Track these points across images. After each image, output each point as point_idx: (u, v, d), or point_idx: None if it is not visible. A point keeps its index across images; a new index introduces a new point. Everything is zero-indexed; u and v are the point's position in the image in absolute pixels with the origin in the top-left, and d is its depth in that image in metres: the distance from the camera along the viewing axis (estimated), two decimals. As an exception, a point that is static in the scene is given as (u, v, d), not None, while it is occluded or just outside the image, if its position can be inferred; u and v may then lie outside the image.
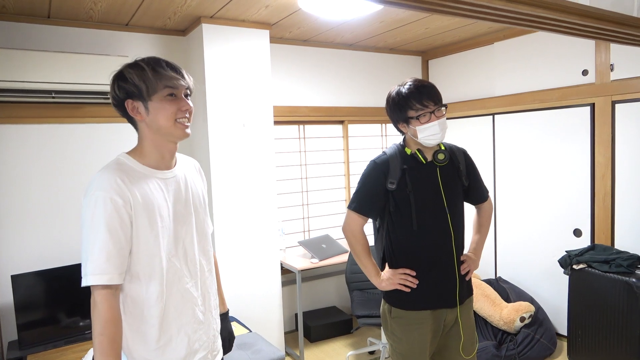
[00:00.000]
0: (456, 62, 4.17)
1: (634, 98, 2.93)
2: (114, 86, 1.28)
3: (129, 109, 1.28)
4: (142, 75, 1.25)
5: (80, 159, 2.98)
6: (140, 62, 1.28)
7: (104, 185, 1.20)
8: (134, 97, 1.26)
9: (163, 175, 1.34)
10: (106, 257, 1.18)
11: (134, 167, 1.29)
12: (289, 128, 3.88)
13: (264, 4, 2.82)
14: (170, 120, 1.28)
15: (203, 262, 1.41)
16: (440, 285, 1.87)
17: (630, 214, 2.99)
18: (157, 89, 1.26)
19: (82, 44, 2.95)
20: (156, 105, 1.27)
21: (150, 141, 1.31)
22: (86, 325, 2.81)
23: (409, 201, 1.83)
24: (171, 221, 1.31)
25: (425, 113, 1.81)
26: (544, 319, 3.27)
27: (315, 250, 3.53)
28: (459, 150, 1.99)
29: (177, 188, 1.36)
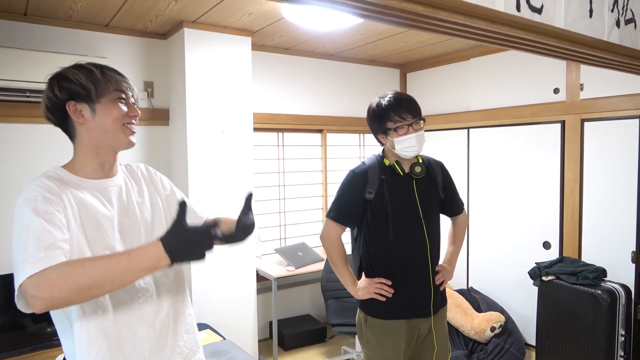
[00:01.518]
0: (433, 76, 4.26)
1: (602, 117, 3.06)
2: (53, 86, 1.17)
3: (71, 111, 1.17)
4: (91, 76, 1.18)
5: (54, 159, 2.91)
6: (85, 64, 1.21)
7: (32, 188, 1.11)
8: (78, 99, 1.17)
9: (101, 185, 1.22)
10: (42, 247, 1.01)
11: (65, 177, 1.18)
12: (268, 135, 3.89)
13: (247, 11, 2.83)
14: (117, 123, 1.20)
15: (159, 276, 1.25)
16: (415, 295, 1.91)
17: (597, 228, 3.11)
18: (106, 91, 1.19)
19: (59, 43, 2.90)
20: (104, 107, 1.18)
21: (89, 149, 1.21)
22: (53, 331, 2.73)
23: (386, 211, 1.87)
24: (117, 233, 1.19)
25: (403, 125, 1.85)
26: (514, 329, 3.35)
27: (291, 258, 3.53)
28: (437, 163, 2.03)
29: (119, 199, 1.24)
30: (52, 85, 1.18)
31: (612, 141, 3.02)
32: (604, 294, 2.68)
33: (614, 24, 1.74)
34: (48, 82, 1.19)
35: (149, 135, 3.22)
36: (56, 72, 1.20)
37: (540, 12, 1.45)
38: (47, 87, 1.19)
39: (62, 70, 1.20)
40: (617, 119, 2.98)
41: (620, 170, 2.98)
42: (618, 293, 2.69)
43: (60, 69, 1.20)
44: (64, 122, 1.21)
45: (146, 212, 1.30)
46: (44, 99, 1.19)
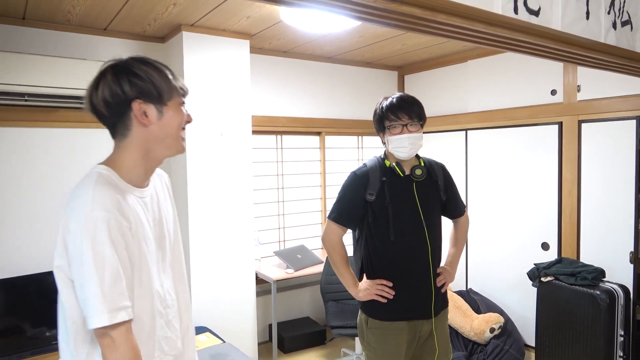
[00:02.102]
0: (431, 78, 4.27)
1: (598, 118, 3.07)
2: (122, 81, 1.07)
3: (135, 110, 1.08)
4: (163, 76, 1.11)
5: (52, 164, 2.91)
6: (152, 61, 1.13)
7: (105, 204, 1.01)
8: (146, 98, 1.09)
9: (141, 194, 1.16)
10: (122, 288, 1.00)
11: (119, 184, 1.10)
12: (267, 138, 3.89)
13: (245, 14, 2.84)
14: (179, 129, 1.16)
15: (179, 290, 1.26)
16: (416, 297, 1.91)
17: (595, 229, 3.12)
18: (175, 94, 1.13)
19: (58, 47, 2.90)
20: (171, 111, 1.12)
21: (141, 152, 1.13)
22: (53, 335, 2.73)
23: (387, 212, 1.87)
24: (154, 245, 1.17)
25: (397, 125, 1.88)
26: (513, 330, 3.36)
27: (290, 260, 3.53)
28: (438, 165, 2.04)
29: (152, 208, 1.20)
30: (119, 78, 1.07)
31: (609, 142, 3.03)
32: (603, 295, 2.69)
33: (610, 25, 1.75)
34: (112, 75, 1.08)
35: (148, 139, 3.23)
36: (118, 64, 1.10)
37: (537, 14, 1.46)
38: (111, 78, 1.08)
39: (126, 63, 1.10)
40: (614, 120, 3.00)
41: (618, 171, 2.99)
42: (617, 293, 2.70)
43: (123, 61, 1.11)
44: (119, 119, 1.11)
45: (171, 221, 1.27)
46: (103, 91, 1.07)
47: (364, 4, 1.13)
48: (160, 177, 1.31)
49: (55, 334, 2.72)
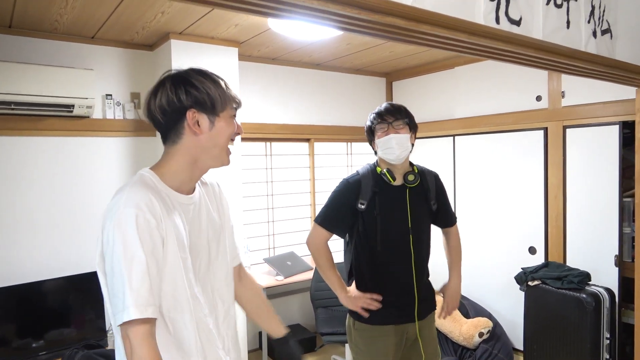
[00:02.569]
0: (419, 84, 4.32)
1: (582, 124, 3.13)
2: (179, 90, 1.13)
3: (189, 119, 1.13)
4: (218, 88, 1.16)
5: (40, 173, 2.89)
6: (209, 72, 1.19)
7: (137, 202, 1.05)
8: (200, 108, 1.14)
9: (183, 201, 1.19)
10: (148, 285, 1.01)
11: (159, 188, 1.14)
12: (256, 145, 3.90)
13: (234, 22, 2.86)
14: (227, 141, 1.19)
15: (218, 299, 1.24)
16: (400, 301, 1.95)
17: (580, 232, 3.16)
18: (228, 106, 1.18)
19: (45, 55, 2.89)
20: (222, 122, 1.16)
21: (189, 158, 1.17)
22: (39, 346, 2.70)
23: (376, 223, 1.89)
24: (188, 252, 1.16)
25: (382, 126, 1.90)
26: (501, 334, 3.38)
27: (280, 267, 3.53)
28: (430, 174, 2.05)
29: (193, 216, 1.21)
30: (176, 87, 1.13)
31: (594, 147, 3.08)
32: (589, 298, 2.72)
33: (590, 34, 1.79)
34: (171, 84, 1.14)
35: (136, 147, 3.21)
36: (177, 75, 1.16)
37: (518, 24, 1.50)
38: (169, 87, 1.14)
39: (185, 74, 1.16)
40: (598, 125, 3.05)
41: (602, 175, 3.04)
42: (602, 297, 2.74)
43: (181, 72, 1.17)
44: (173, 126, 1.15)
45: (213, 231, 1.27)
46: (161, 99, 1.13)
47: (348, 15, 1.15)
48: (212, 186, 1.36)
49: (41, 345, 2.70)
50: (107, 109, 3.08)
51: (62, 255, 2.95)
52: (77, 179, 2.97)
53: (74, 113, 2.84)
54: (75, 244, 2.99)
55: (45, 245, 2.90)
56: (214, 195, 1.34)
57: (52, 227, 2.92)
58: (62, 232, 2.94)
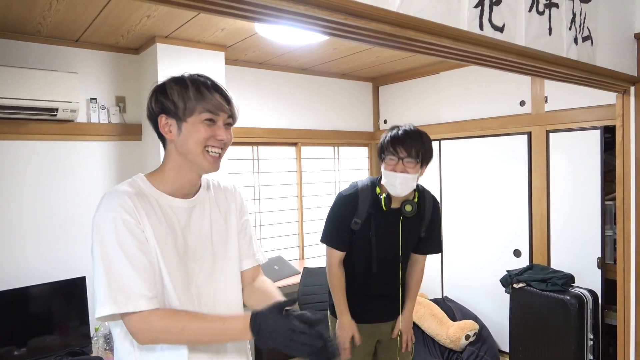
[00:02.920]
0: (405, 89, 4.35)
1: (565, 128, 3.18)
2: (152, 98, 1.19)
3: (161, 125, 1.17)
4: (183, 93, 1.16)
5: (23, 178, 2.84)
6: (186, 78, 1.19)
7: (113, 205, 1.09)
8: (168, 114, 1.16)
9: (177, 204, 1.20)
10: (127, 281, 1.05)
11: (147, 191, 1.16)
12: (243, 149, 3.89)
13: (220, 26, 2.85)
14: (199, 146, 1.15)
15: (222, 306, 1.22)
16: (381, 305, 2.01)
17: (564, 235, 3.21)
18: (195, 110, 1.15)
19: (28, 58, 2.85)
20: (190, 127, 1.15)
21: (175, 164, 1.19)
22: (22, 354, 2.65)
23: (370, 244, 1.90)
24: (184, 256, 1.17)
25: (393, 158, 1.80)
26: (487, 336, 3.41)
27: (267, 271, 3.51)
28: (430, 199, 1.99)
29: (193, 220, 1.21)
30: (152, 96, 1.20)
31: (576, 151, 3.14)
32: (573, 300, 2.76)
33: (572, 41, 1.83)
34: (151, 94, 1.21)
35: (121, 151, 3.18)
36: (158, 84, 1.22)
37: (502, 30, 1.52)
38: (149, 97, 1.21)
39: (165, 81, 1.21)
40: (580, 129, 3.11)
41: (584, 179, 3.09)
42: (586, 298, 2.78)
43: (166, 79, 1.21)
44: (157, 132, 1.21)
45: (219, 235, 1.26)
46: (147, 108, 1.22)
47: (335, 20, 1.16)
48: (224, 189, 1.34)
49: (24, 353, 2.65)
50: (91, 113, 3.05)
51: (46, 261, 2.90)
52: (61, 183, 2.93)
53: (58, 117, 2.81)
54: (60, 249, 2.94)
55: (28, 250, 2.85)
56: (227, 198, 1.33)
57: (36, 232, 2.87)
58: (46, 237, 2.90)
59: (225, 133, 1.19)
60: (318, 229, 4.27)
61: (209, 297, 1.20)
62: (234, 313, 1.22)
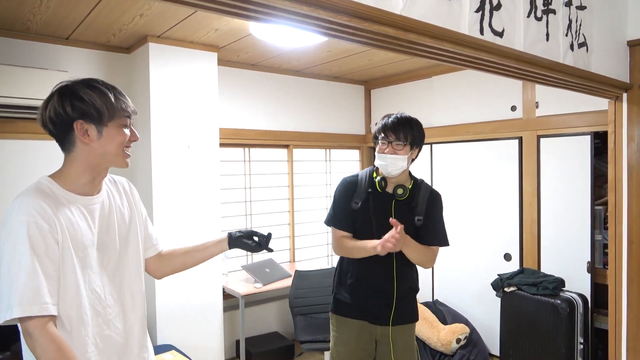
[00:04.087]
0: (397, 92, 4.36)
1: (555, 133, 3.21)
2: (65, 103, 1.19)
3: (78, 130, 1.20)
4: (105, 100, 1.21)
5: (10, 177, 2.78)
6: (98, 84, 1.23)
7: (28, 210, 1.12)
8: (88, 119, 1.20)
9: (87, 202, 1.26)
10: (36, 285, 1.08)
11: (57, 193, 1.21)
12: (235, 151, 3.86)
13: (214, 27, 2.83)
14: (120, 147, 1.26)
15: (127, 291, 1.33)
16: (373, 303, 2.00)
17: (554, 239, 3.24)
18: (116, 115, 1.23)
19: (16, 55, 2.79)
20: (111, 131, 1.23)
21: (86, 165, 1.24)
22: (5, 357, 2.58)
23: (371, 222, 1.96)
24: (95, 250, 1.25)
25: (383, 141, 1.94)
26: (478, 340, 3.42)
27: (258, 274, 3.49)
28: (427, 190, 2.02)
29: (101, 215, 1.29)
30: (62, 100, 1.19)
31: (566, 156, 3.17)
32: (563, 304, 2.78)
33: (568, 47, 1.84)
34: (58, 96, 1.20)
35: (111, 151, 3.13)
36: (65, 87, 1.21)
37: (501, 35, 1.53)
38: (57, 101, 1.20)
39: (72, 86, 1.21)
40: (571, 135, 3.14)
41: (575, 184, 3.12)
42: (576, 302, 2.81)
43: (69, 83, 1.22)
44: (64, 136, 1.22)
45: (123, 227, 1.35)
46: (50, 111, 1.20)
47: (337, 22, 1.15)
48: (118, 183, 1.42)
49: (7, 357, 2.58)
50: (81, 112, 3.00)
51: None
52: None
53: (47, 116, 2.75)
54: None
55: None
56: (124, 192, 1.42)
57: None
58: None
59: (136, 134, 1.31)
60: (309, 232, 4.28)
61: (116, 284, 1.31)
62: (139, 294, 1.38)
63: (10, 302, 1.06)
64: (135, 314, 1.35)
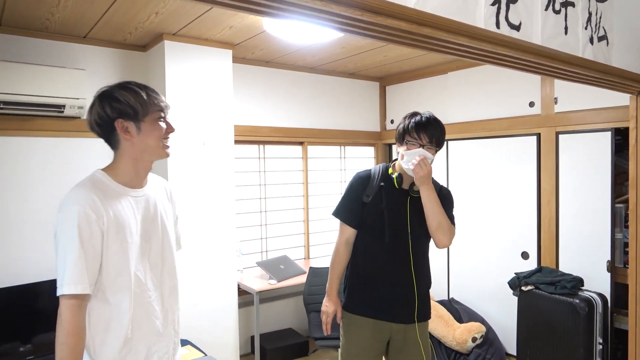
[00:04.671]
0: (412, 89, 4.32)
1: (575, 130, 3.15)
2: (104, 105, 1.33)
3: (119, 128, 1.34)
4: (138, 98, 1.35)
5: (29, 174, 2.83)
6: (131, 85, 1.37)
7: (79, 200, 1.27)
8: (126, 117, 1.34)
9: (134, 194, 1.41)
10: (79, 268, 1.24)
11: (108, 185, 1.36)
12: (249, 148, 3.87)
13: (229, 24, 2.84)
14: (158, 140, 1.39)
15: (167, 278, 1.48)
16: (389, 300, 1.96)
17: (573, 238, 3.18)
18: (150, 111, 1.36)
19: (35, 54, 2.84)
20: (148, 126, 1.36)
21: (131, 159, 1.38)
22: (27, 350, 2.64)
23: (382, 215, 1.94)
24: (139, 237, 1.38)
25: (415, 143, 1.92)
26: (494, 339, 3.38)
27: (273, 271, 3.50)
28: (437, 187, 2.04)
29: (146, 206, 1.43)
30: (102, 104, 1.34)
31: (586, 153, 3.10)
32: (582, 303, 2.73)
33: (587, 40, 1.80)
34: (98, 101, 1.35)
35: (128, 148, 3.17)
36: (104, 91, 1.36)
37: (518, 29, 1.50)
38: (98, 105, 1.35)
39: (109, 90, 1.36)
40: (591, 131, 3.07)
41: (595, 181, 3.06)
42: (595, 302, 2.75)
43: (107, 88, 1.37)
44: (109, 135, 1.37)
45: (164, 220, 1.49)
46: (93, 115, 1.35)
47: (351, 16, 1.14)
48: (162, 182, 1.58)
49: (29, 349, 2.64)
50: (98, 110, 3.04)
51: (52, 257, 2.89)
52: (68, 179, 2.92)
53: (65, 113, 2.79)
54: (65, 247, 2.93)
55: (35, 247, 2.84)
56: (166, 190, 1.58)
57: (42, 228, 2.86)
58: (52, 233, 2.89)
59: (172, 126, 1.44)
60: (324, 229, 4.28)
61: (156, 271, 1.44)
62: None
63: (61, 281, 1.23)
64: (172, 300, 1.49)
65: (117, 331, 1.33)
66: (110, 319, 1.32)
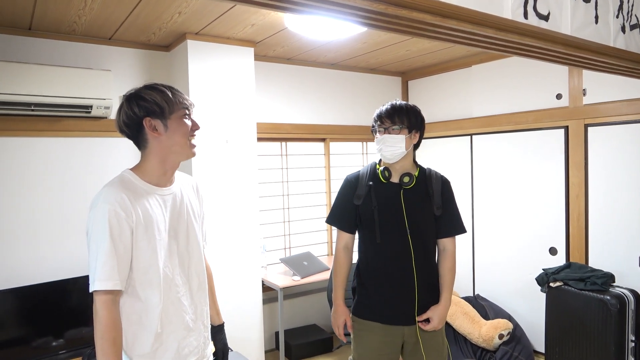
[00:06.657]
0: (435, 83, 4.27)
1: (605, 122, 3.06)
2: (132, 105, 1.38)
3: (147, 126, 1.38)
4: (164, 96, 1.39)
5: (57, 174, 2.91)
6: (157, 85, 1.42)
7: (109, 199, 1.32)
8: (153, 115, 1.38)
9: (162, 192, 1.45)
10: (110, 264, 1.28)
11: (137, 184, 1.40)
12: (272, 145, 3.89)
13: (250, 22, 2.85)
14: (185, 137, 1.42)
15: (194, 273, 1.51)
16: (395, 302, 1.91)
17: (603, 233, 3.09)
18: (176, 109, 1.40)
19: (63, 56, 2.91)
20: (174, 123, 1.40)
21: (159, 157, 1.42)
22: (59, 345, 2.71)
23: (373, 216, 1.90)
24: (166, 235, 1.42)
25: (380, 129, 1.93)
26: (522, 336, 3.33)
27: (296, 267, 3.52)
28: (437, 178, 1.98)
29: (173, 204, 1.47)
30: (130, 104, 1.39)
31: (616, 146, 3.01)
32: (613, 300, 2.66)
33: (619, 29, 1.74)
34: (126, 102, 1.40)
35: (153, 147, 3.22)
36: (131, 93, 1.41)
37: (547, 19, 1.46)
38: (125, 105, 1.39)
39: (137, 91, 1.41)
40: (621, 123, 2.98)
41: (625, 174, 2.97)
42: (627, 298, 2.68)
43: (135, 90, 1.41)
44: (137, 135, 1.41)
45: (192, 217, 1.52)
46: (122, 116, 1.40)
47: (374, 10, 1.13)
48: (190, 180, 1.62)
49: (61, 344, 2.71)
50: (124, 110, 3.10)
51: (83, 254, 2.96)
52: (96, 178, 2.98)
53: (92, 114, 2.86)
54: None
55: (65, 244, 2.92)
56: (194, 189, 1.62)
57: (72, 226, 2.93)
58: (82, 231, 2.96)
59: (197, 123, 1.47)
60: (346, 225, 4.27)
61: (186, 265, 1.48)
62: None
63: (93, 277, 1.28)
64: (200, 295, 1.52)
65: (149, 326, 1.37)
66: (141, 314, 1.36)
